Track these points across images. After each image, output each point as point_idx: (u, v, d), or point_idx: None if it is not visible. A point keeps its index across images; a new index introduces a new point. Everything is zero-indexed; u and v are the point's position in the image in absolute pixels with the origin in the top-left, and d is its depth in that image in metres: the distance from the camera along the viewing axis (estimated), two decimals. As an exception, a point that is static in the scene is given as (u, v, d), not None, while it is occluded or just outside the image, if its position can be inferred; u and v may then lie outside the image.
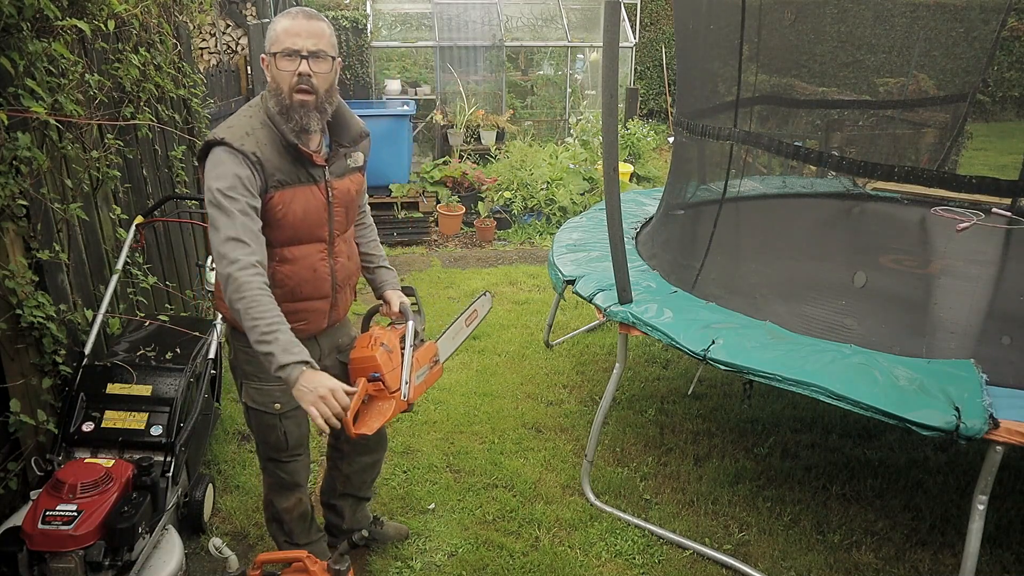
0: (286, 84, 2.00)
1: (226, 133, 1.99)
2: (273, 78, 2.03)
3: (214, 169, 1.96)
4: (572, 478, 3.28)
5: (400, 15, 9.23)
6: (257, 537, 2.90)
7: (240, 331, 2.15)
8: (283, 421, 2.28)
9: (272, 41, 2.00)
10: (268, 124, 2.04)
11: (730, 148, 3.46)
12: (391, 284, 2.49)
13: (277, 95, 2.03)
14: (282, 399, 2.25)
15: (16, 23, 2.44)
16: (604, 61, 2.65)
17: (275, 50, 2.00)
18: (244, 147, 1.97)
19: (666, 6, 12.39)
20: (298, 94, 2.00)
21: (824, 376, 2.37)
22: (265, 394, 2.25)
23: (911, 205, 4.43)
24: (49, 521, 2.11)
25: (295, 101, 2.01)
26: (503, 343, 4.61)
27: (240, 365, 2.26)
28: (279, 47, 1.99)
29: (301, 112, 2.03)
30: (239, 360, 2.26)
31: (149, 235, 3.61)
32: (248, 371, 2.25)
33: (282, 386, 2.12)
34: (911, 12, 4.33)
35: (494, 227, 6.86)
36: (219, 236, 1.91)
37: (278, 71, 2.00)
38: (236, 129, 2.01)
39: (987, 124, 11.07)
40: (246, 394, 2.27)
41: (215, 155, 1.98)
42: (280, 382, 1.93)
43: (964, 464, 3.36)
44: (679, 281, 3.29)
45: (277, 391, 2.24)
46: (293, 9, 2.05)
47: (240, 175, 1.95)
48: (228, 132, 2.00)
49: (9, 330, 2.47)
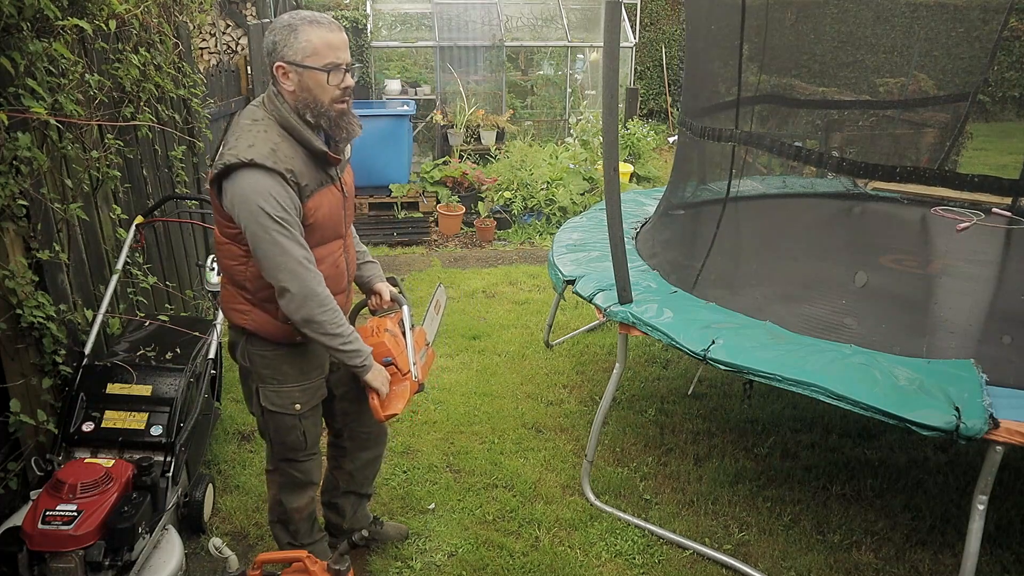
0: (328, 96, 2.01)
1: (253, 153, 1.95)
2: (307, 89, 2.00)
3: (255, 190, 1.95)
4: (572, 478, 3.28)
5: (400, 15, 9.23)
6: (257, 537, 2.90)
7: (261, 337, 2.21)
8: (303, 421, 2.31)
9: (308, 53, 1.96)
10: (286, 136, 2.03)
11: (731, 148, 3.46)
12: (379, 277, 2.55)
13: (314, 106, 2.02)
14: (301, 399, 2.29)
15: (16, 23, 2.44)
16: (604, 61, 2.65)
17: (315, 64, 1.97)
18: (277, 166, 1.97)
19: (666, 6, 12.39)
20: (339, 104, 2.04)
21: (824, 376, 2.37)
22: (284, 396, 2.27)
23: (911, 205, 4.43)
24: (49, 521, 2.11)
25: (337, 111, 2.04)
26: (503, 343, 4.61)
27: (256, 370, 2.26)
28: (322, 61, 1.97)
29: (344, 120, 2.07)
30: (256, 365, 2.26)
31: (149, 235, 3.62)
32: (265, 375, 2.25)
33: (302, 386, 2.28)
34: (911, 12, 4.33)
35: (494, 227, 6.86)
36: (290, 257, 1.98)
37: (319, 84, 1.99)
38: (259, 148, 1.97)
39: (987, 124, 11.07)
40: (264, 398, 2.27)
41: (249, 176, 1.95)
42: (299, 384, 2.25)
43: (964, 464, 3.36)
44: (679, 281, 3.28)
45: (297, 391, 2.28)
46: (316, 17, 2.00)
47: (284, 194, 1.98)
48: (254, 152, 1.95)
49: (9, 330, 2.47)
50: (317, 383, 2.34)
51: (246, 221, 1.98)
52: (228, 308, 2.26)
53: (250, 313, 2.20)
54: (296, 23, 1.97)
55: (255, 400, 2.31)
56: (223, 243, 2.16)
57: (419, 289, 5.57)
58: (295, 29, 1.96)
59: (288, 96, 2.04)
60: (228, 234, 2.12)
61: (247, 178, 1.96)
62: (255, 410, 2.35)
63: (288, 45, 1.96)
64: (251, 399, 2.35)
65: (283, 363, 2.25)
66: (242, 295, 2.20)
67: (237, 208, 1.98)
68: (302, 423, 2.31)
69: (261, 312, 2.20)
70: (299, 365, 2.27)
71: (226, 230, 2.12)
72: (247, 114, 2.10)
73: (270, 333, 2.21)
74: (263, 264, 2.02)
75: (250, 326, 2.21)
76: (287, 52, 1.97)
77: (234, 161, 1.95)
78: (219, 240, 2.17)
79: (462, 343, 4.61)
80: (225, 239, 2.14)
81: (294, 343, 2.24)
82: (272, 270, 2.01)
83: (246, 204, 1.96)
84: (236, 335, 2.30)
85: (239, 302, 2.21)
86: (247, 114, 2.10)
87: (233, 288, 2.22)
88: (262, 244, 1.99)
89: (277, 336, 2.21)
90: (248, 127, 2.02)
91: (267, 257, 2.00)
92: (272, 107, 2.05)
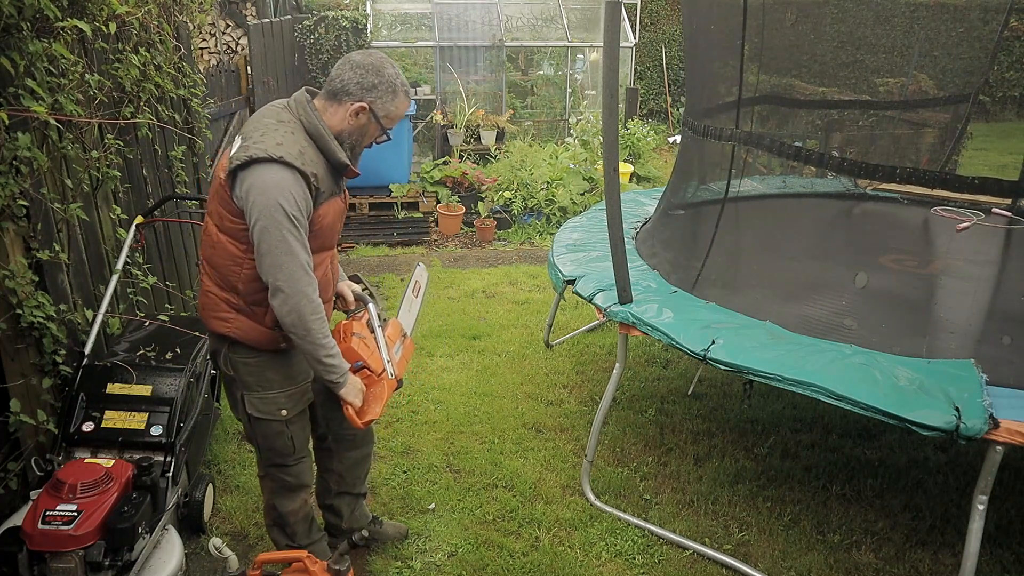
0: (370, 138, 2.21)
1: (282, 151, 1.99)
2: (361, 129, 2.16)
3: (278, 186, 1.98)
4: (572, 478, 3.28)
5: (400, 15, 9.23)
6: (257, 537, 2.90)
7: (244, 345, 2.21)
8: (290, 427, 2.31)
9: (390, 115, 2.16)
10: (311, 142, 2.09)
11: (731, 148, 3.46)
12: (341, 279, 2.57)
13: (353, 141, 2.17)
14: (287, 405, 2.29)
15: (16, 23, 2.44)
16: (604, 61, 2.65)
17: (386, 124, 2.17)
18: (304, 167, 2.02)
19: (666, 6, 12.38)
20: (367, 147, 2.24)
21: (824, 376, 2.37)
22: (270, 402, 2.27)
23: (911, 205, 4.43)
24: (49, 521, 2.11)
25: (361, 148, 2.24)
26: (503, 343, 4.61)
27: (241, 378, 2.26)
28: (391, 124, 2.19)
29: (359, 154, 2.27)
30: (240, 373, 2.26)
31: (149, 235, 3.61)
32: (250, 382, 2.25)
33: (287, 392, 2.27)
34: (911, 12, 4.33)
35: (494, 227, 6.86)
36: (294, 258, 2.01)
37: (372, 133, 2.18)
38: (288, 147, 2.01)
39: (987, 124, 11.06)
40: (250, 405, 2.27)
41: (275, 171, 1.98)
42: (284, 389, 2.25)
43: (964, 464, 3.36)
44: (679, 281, 3.28)
45: (282, 397, 2.28)
46: (407, 87, 2.19)
47: (303, 196, 2.03)
48: (282, 150, 2.00)
49: (9, 330, 2.47)
50: (303, 388, 2.34)
51: (259, 214, 1.98)
52: (210, 316, 2.24)
53: (234, 320, 2.19)
54: (397, 87, 2.14)
55: (241, 407, 2.31)
56: (219, 242, 2.14)
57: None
58: (395, 93, 2.14)
59: (335, 121, 2.13)
60: (229, 229, 2.10)
61: (272, 173, 1.98)
62: (241, 417, 2.35)
63: (383, 101, 2.13)
64: (236, 406, 2.35)
65: (267, 370, 2.25)
66: (228, 301, 2.18)
67: (253, 199, 1.98)
68: (289, 428, 2.31)
69: (246, 319, 2.18)
70: (284, 371, 2.27)
71: (228, 224, 2.10)
72: (270, 114, 2.12)
73: (254, 340, 2.20)
74: (265, 261, 2.01)
75: (234, 334, 2.20)
76: (378, 104, 2.12)
77: (262, 155, 1.98)
78: (214, 240, 2.15)
79: (462, 343, 4.61)
80: (224, 236, 2.12)
81: (278, 350, 2.24)
82: (273, 268, 2.01)
83: (265, 197, 1.97)
84: (217, 343, 2.29)
85: (222, 309, 2.19)
86: (270, 114, 2.12)
87: (218, 293, 2.20)
88: (270, 240, 1.98)
89: (261, 343, 2.21)
90: (274, 126, 2.06)
91: (271, 254, 2.00)
92: (302, 113, 2.11)
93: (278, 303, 2.03)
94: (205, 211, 3.94)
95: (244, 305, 2.18)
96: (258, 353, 2.23)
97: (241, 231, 2.07)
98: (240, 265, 2.13)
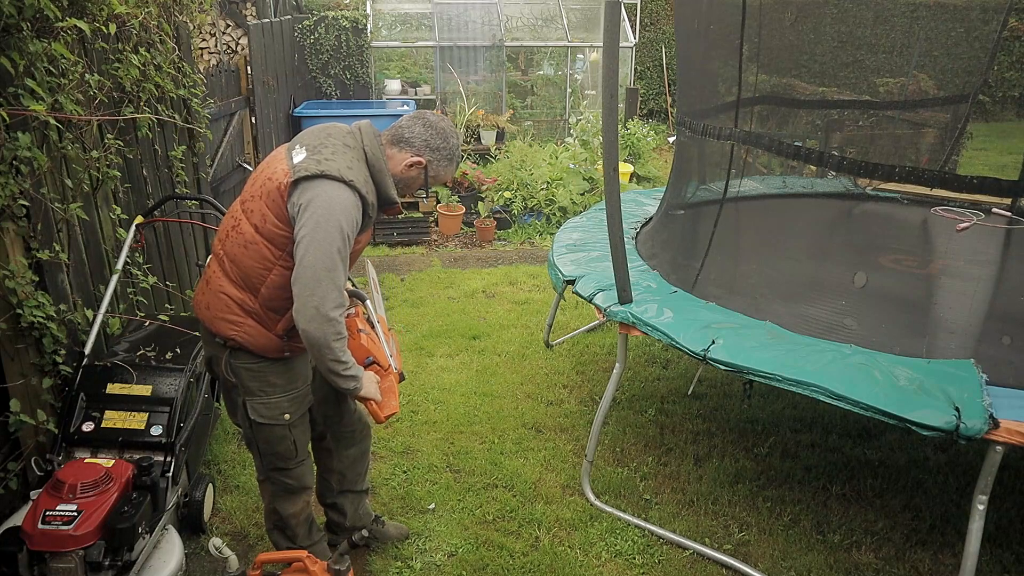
0: (412, 190, 2.31)
1: (352, 176, 2.06)
2: (408, 180, 2.26)
3: (342, 205, 2.03)
4: (572, 478, 3.28)
5: (400, 15, 9.22)
6: (257, 537, 2.90)
7: (248, 352, 2.21)
8: (292, 430, 2.32)
9: (438, 177, 2.28)
10: (370, 175, 2.16)
11: (731, 148, 3.46)
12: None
13: (401, 186, 2.27)
14: (290, 409, 2.30)
15: (16, 23, 2.44)
16: (604, 61, 2.65)
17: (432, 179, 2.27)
18: (368, 196, 2.10)
19: (666, 6, 12.38)
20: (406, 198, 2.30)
21: (824, 376, 2.37)
22: (273, 407, 2.27)
23: (911, 205, 4.43)
24: (49, 521, 2.11)
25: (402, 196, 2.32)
26: (503, 343, 4.61)
27: (243, 383, 2.26)
28: (437, 182, 2.31)
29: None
30: (242, 378, 2.25)
31: (149, 235, 3.61)
32: (252, 388, 2.25)
33: (290, 396, 2.29)
34: (911, 12, 4.33)
35: (494, 227, 6.86)
36: (334, 275, 2.03)
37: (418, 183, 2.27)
38: (356, 173, 2.09)
39: (987, 124, 11.06)
40: (252, 411, 2.27)
41: (342, 192, 2.04)
42: (287, 393, 2.28)
43: (964, 464, 3.36)
44: (679, 281, 3.28)
45: (285, 401, 2.28)
46: (459, 156, 2.31)
47: (358, 220, 2.09)
48: (352, 174, 2.07)
49: (9, 330, 2.47)
50: (304, 391, 2.35)
51: (314, 226, 1.99)
52: (216, 317, 2.21)
53: (243, 324, 2.18)
54: (454, 157, 2.28)
55: (242, 413, 2.30)
56: (254, 242, 2.12)
57: (419, 289, 5.57)
58: (451, 161, 2.27)
59: (392, 164, 2.22)
60: (269, 232, 2.10)
61: (339, 191, 2.04)
62: (241, 423, 2.35)
63: (438, 164, 2.25)
64: (236, 412, 2.35)
65: (270, 374, 2.25)
66: (243, 303, 2.17)
67: (312, 211, 2.00)
68: (292, 432, 2.32)
69: (256, 323, 2.18)
70: (286, 375, 2.28)
71: (270, 227, 2.09)
72: (338, 135, 2.17)
73: (260, 347, 2.20)
74: (304, 273, 2.00)
75: (240, 338, 2.19)
76: (433, 165, 2.25)
77: (334, 174, 2.03)
78: (247, 239, 2.13)
79: (462, 343, 4.61)
80: (261, 238, 2.11)
81: (280, 357, 2.25)
82: (311, 281, 1.99)
83: (326, 212, 2.00)
84: (216, 349, 2.28)
85: (233, 312, 2.18)
86: (338, 135, 2.17)
87: (234, 294, 2.18)
88: (317, 253, 1.99)
89: (266, 350, 2.21)
90: (343, 150, 2.12)
91: (313, 267, 1.99)
92: (369, 145, 2.17)
93: (305, 320, 2.00)
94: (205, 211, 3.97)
95: (259, 309, 2.17)
96: (260, 359, 2.23)
97: (282, 237, 2.08)
98: (270, 269, 2.13)
